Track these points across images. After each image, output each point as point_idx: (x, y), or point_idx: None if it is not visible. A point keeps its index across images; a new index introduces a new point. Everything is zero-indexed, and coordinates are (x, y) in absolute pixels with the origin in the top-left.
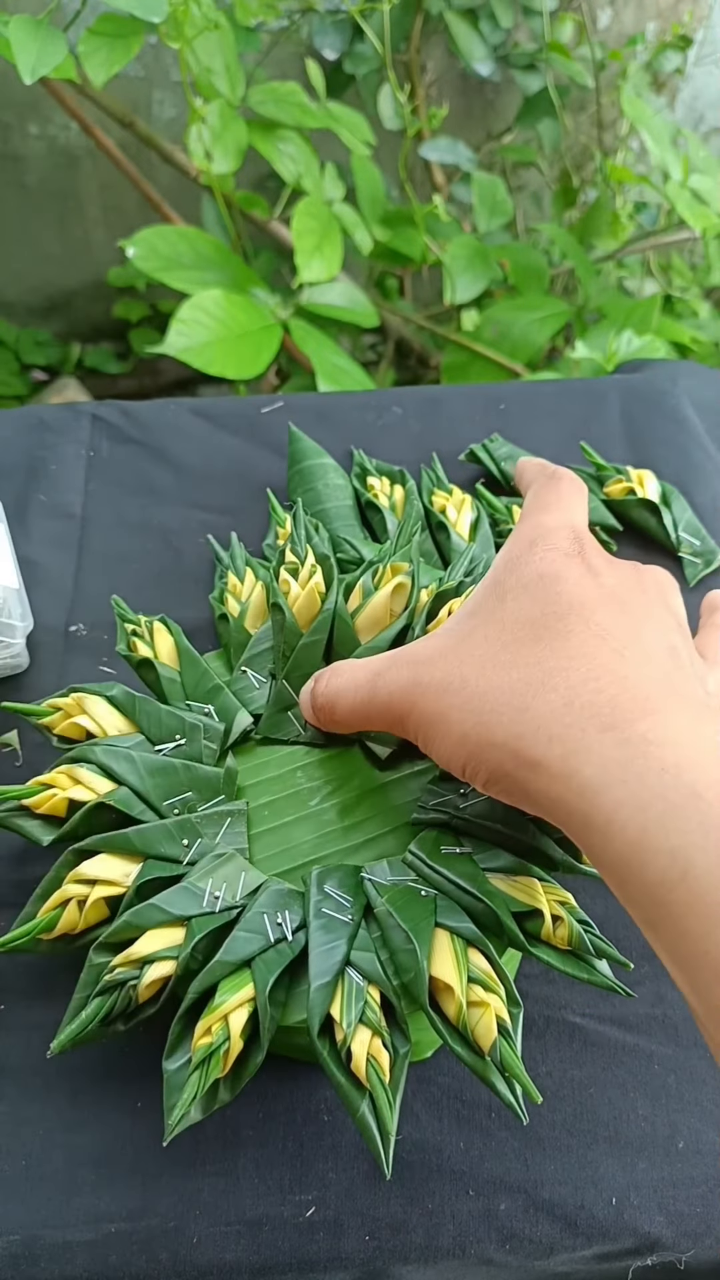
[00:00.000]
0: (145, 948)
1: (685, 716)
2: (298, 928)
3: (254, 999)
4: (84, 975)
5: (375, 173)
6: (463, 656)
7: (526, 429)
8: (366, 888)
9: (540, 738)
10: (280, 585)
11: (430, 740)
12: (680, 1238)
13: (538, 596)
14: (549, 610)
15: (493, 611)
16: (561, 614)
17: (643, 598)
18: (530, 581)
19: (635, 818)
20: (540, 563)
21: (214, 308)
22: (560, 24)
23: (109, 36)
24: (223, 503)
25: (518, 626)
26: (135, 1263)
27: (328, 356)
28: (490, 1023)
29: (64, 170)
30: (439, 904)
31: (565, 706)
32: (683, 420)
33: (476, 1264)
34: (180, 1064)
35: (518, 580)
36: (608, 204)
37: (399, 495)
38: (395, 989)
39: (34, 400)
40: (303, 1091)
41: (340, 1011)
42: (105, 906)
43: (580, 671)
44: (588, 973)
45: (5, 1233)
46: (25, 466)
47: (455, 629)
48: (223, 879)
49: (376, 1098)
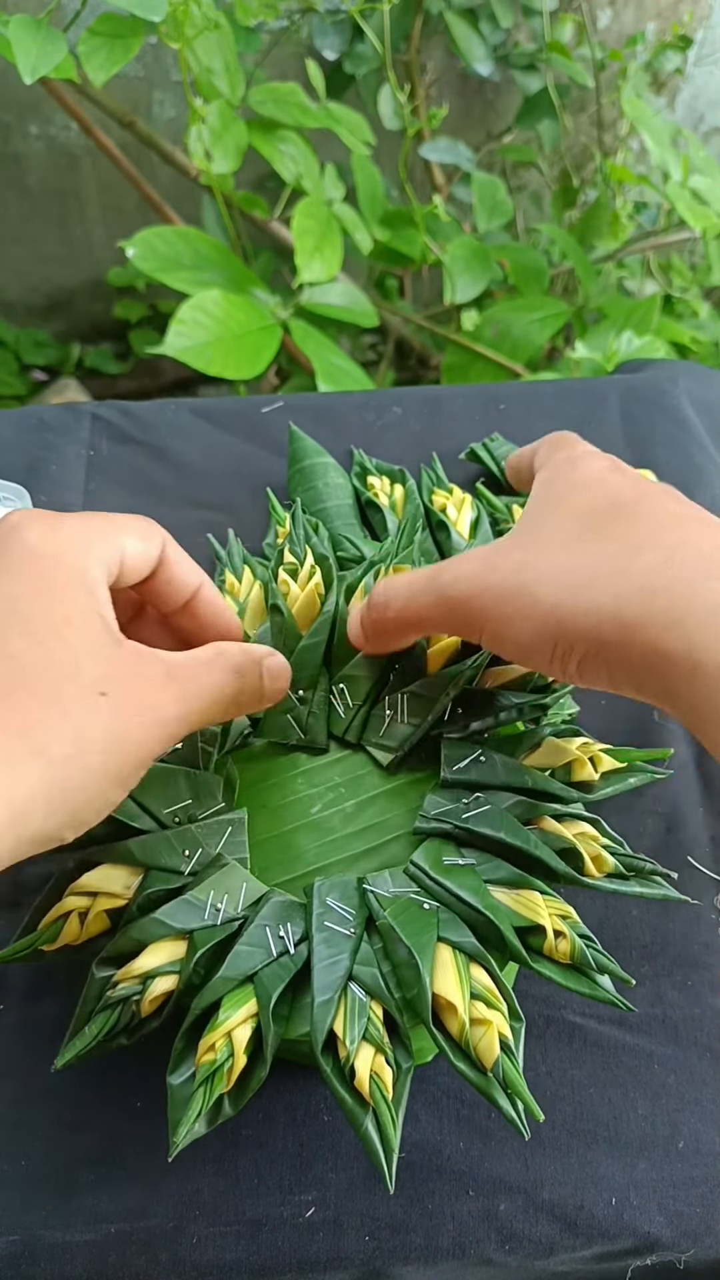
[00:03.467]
0: (148, 963)
1: None
2: (300, 940)
3: (257, 1015)
4: (87, 990)
5: (375, 173)
6: (538, 541)
7: (526, 429)
8: (369, 899)
9: (644, 593)
10: (279, 586)
11: (508, 622)
12: (680, 1238)
13: (598, 491)
14: (617, 500)
15: (554, 509)
16: (633, 501)
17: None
18: (587, 480)
19: None
20: (589, 470)
21: (214, 308)
22: (560, 24)
23: (109, 36)
24: (223, 502)
25: (588, 514)
26: (135, 1263)
27: (328, 356)
28: (493, 1040)
29: (64, 170)
30: (441, 917)
31: (665, 563)
32: (683, 420)
33: (476, 1264)
34: (184, 1079)
35: (571, 484)
36: (608, 204)
37: (399, 494)
38: (398, 1004)
39: (34, 400)
40: (302, 1092)
41: (343, 1028)
42: (106, 918)
43: (673, 535)
44: (589, 987)
45: (5, 1233)
46: (25, 466)
47: (518, 529)
48: (224, 890)
49: (380, 1113)
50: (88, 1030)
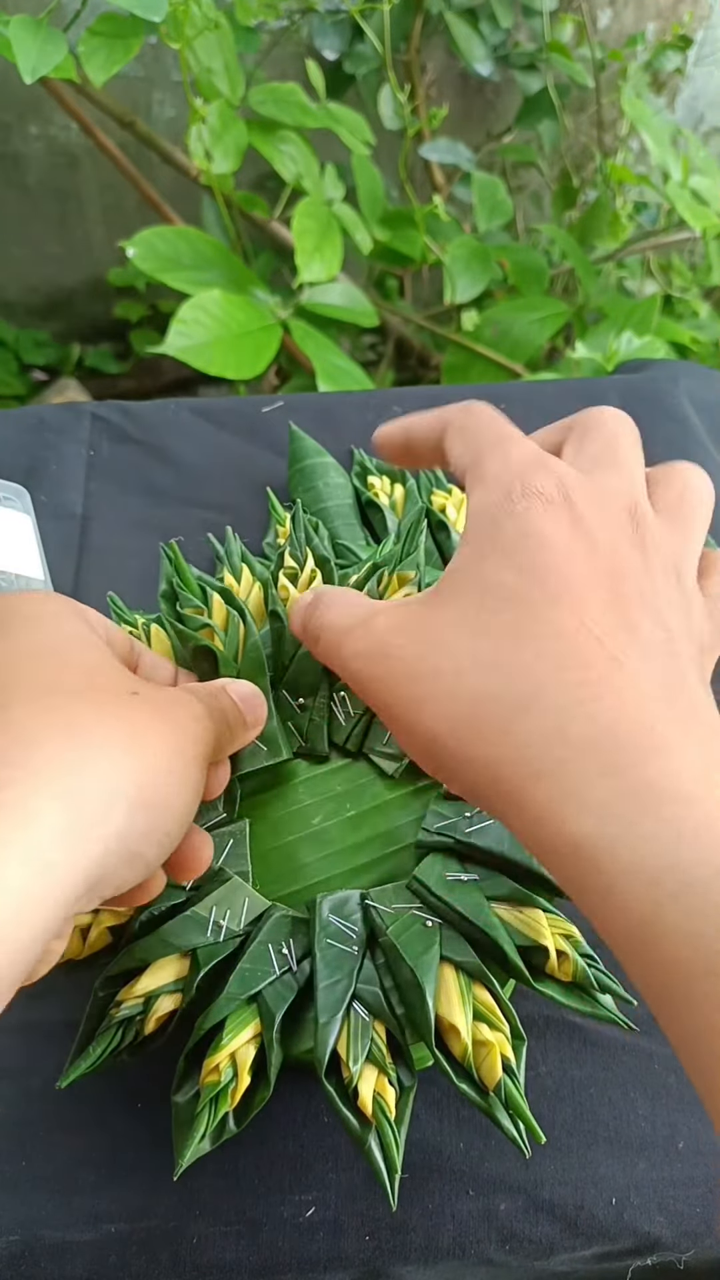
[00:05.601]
0: (151, 983)
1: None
2: (302, 957)
3: (260, 1035)
4: (90, 1007)
5: (375, 173)
6: (440, 638)
7: (526, 429)
8: (371, 916)
9: (525, 771)
10: (279, 592)
11: (393, 727)
12: (680, 1238)
13: (523, 565)
14: (535, 589)
15: (470, 576)
16: (551, 597)
17: (642, 561)
18: (513, 543)
19: (646, 891)
20: (522, 517)
21: (214, 308)
22: (560, 24)
23: (109, 36)
24: (223, 502)
25: (499, 604)
26: (135, 1263)
27: (328, 356)
28: (495, 1062)
29: (64, 170)
30: (443, 934)
31: (558, 735)
32: (683, 420)
33: (476, 1264)
34: (189, 1097)
35: (499, 539)
36: (608, 204)
37: (399, 494)
38: (400, 1022)
39: (34, 400)
40: (303, 1093)
41: (346, 1049)
42: (108, 934)
43: (572, 689)
44: (591, 1006)
45: (5, 1233)
46: (26, 466)
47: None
48: (226, 906)
49: (383, 1133)
50: (91, 1050)
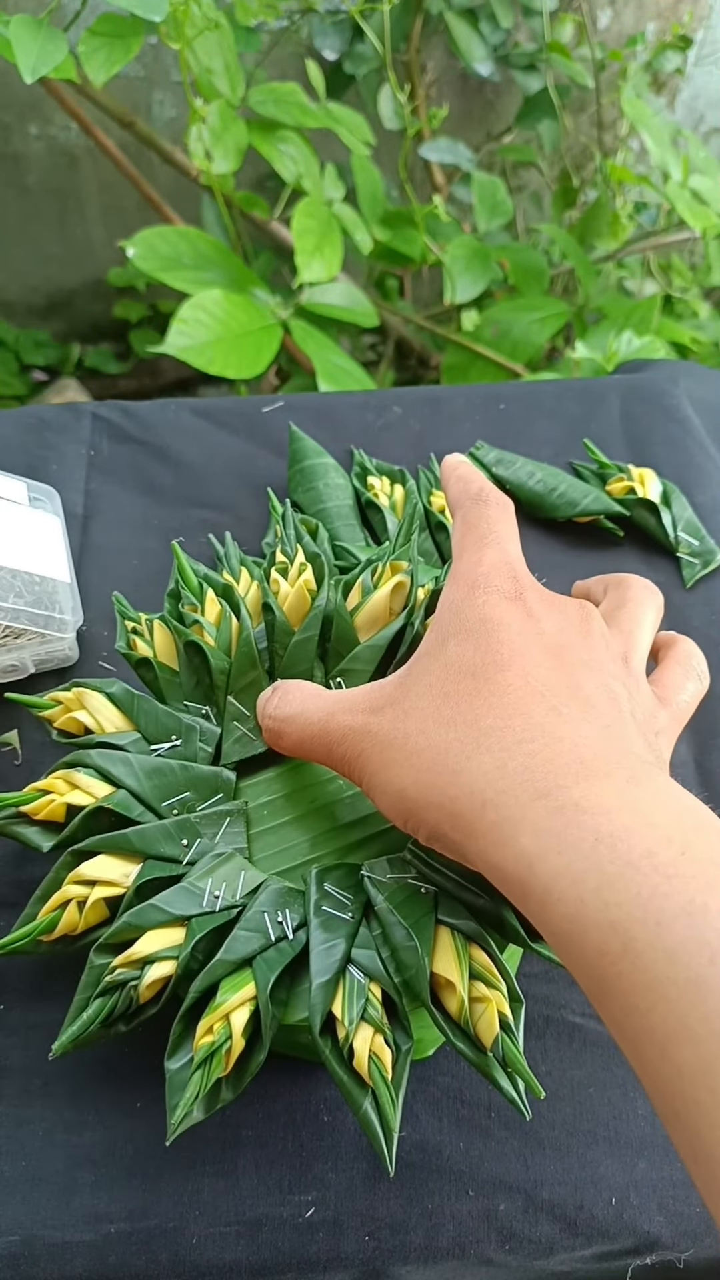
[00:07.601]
0: (145, 948)
1: (620, 779)
2: (298, 926)
3: (255, 998)
4: (85, 977)
5: (375, 173)
6: (408, 708)
7: (526, 429)
8: (366, 885)
9: (474, 803)
10: (270, 585)
11: (372, 792)
12: (680, 1237)
13: (480, 643)
14: (489, 660)
15: (436, 656)
16: (502, 664)
17: (585, 642)
18: (472, 627)
19: (572, 890)
20: (482, 607)
21: (214, 307)
22: (560, 24)
23: (109, 36)
24: (223, 502)
25: (460, 676)
26: (135, 1263)
27: (328, 356)
28: (492, 1019)
29: (64, 170)
30: (439, 900)
31: (498, 770)
32: (683, 420)
33: (476, 1264)
34: (182, 1063)
35: (460, 625)
36: (608, 204)
37: (399, 495)
38: (396, 986)
39: (34, 400)
40: (302, 1091)
41: (342, 1009)
42: (105, 907)
43: (515, 732)
44: None
45: (5, 1233)
46: (26, 466)
47: (404, 675)
48: (222, 878)
49: (379, 1095)
50: (85, 1015)
